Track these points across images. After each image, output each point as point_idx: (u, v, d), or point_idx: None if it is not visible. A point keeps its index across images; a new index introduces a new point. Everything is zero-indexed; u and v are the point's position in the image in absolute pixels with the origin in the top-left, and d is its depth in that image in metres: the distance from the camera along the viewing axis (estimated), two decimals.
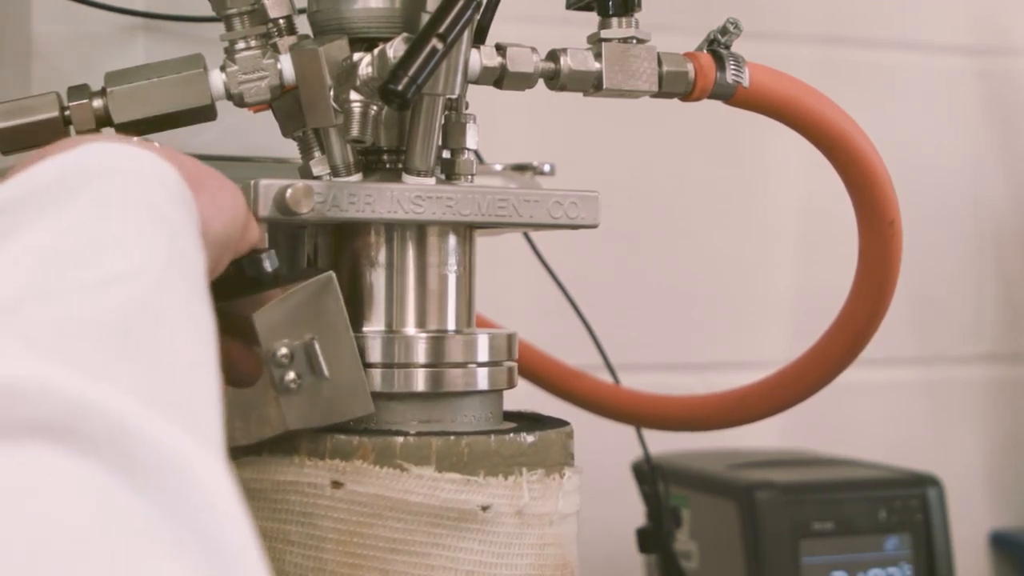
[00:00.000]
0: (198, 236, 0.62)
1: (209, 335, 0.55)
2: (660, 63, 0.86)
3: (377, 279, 0.79)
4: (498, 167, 1.06)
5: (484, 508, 0.74)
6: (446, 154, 0.82)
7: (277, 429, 0.74)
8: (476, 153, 0.83)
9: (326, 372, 0.74)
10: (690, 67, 0.87)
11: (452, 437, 0.75)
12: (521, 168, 1.07)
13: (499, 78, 0.82)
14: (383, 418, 0.76)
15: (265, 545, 0.74)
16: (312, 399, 0.74)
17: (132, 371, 0.48)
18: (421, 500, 0.73)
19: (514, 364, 0.81)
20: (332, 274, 0.75)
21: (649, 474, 1.26)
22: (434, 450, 0.74)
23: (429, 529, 0.73)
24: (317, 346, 0.74)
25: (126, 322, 0.50)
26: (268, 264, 0.74)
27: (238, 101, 0.78)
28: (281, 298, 0.74)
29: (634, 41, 0.84)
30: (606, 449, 1.27)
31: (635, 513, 1.33)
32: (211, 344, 0.55)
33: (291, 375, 0.73)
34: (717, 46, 0.88)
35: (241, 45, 0.78)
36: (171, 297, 0.54)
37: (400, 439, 0.74)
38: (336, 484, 0.73)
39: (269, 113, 0.82)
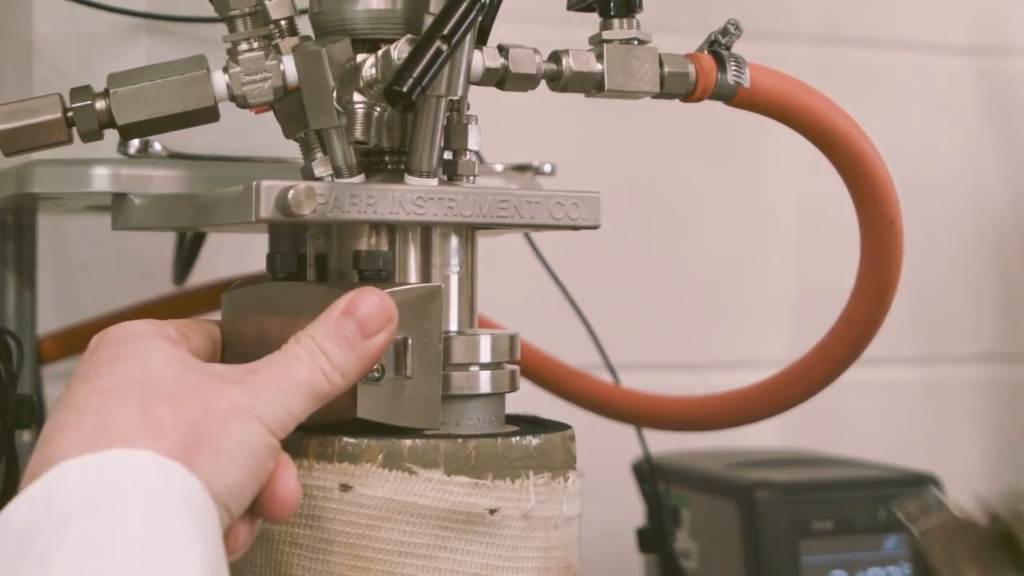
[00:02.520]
0: (190, 517, 0.64)
1: None
2: (661, 64, 0.86)
3: None
4: (499, 167, 1.05)
5: (492, 511, 0.74)
6: (448, 155, 0.82)
7: (345, 415, 0.74)
8: (477, 154, 0.83)
9: (409, 374, 0.75)
10: (691, 68, 0.87)
11: (460, 440, 0.75)
12: (522, 168, 1.07)
13: (501, 79, 0.82)
14: None
15: (272, 548, 0.74)
16: (388, 395, 0.74)
17: None
18: (430, 503, 0.73)
19: (516, 367, 0.81)
20: (441, 286, 0.76)
21: (649, 474, 1.26)
22: (442, 453, 0.74)
23: (437, 532, 0.73)
24: (409, 347, 0.75)
25: None
26: None
27: (241, 102, 0.78)
28: (390, 291, 0.74)
29: (636, 42, 0.84)
30: (606, 449, 1.27)
31: (635, 513, 1.33)
32: None
33: (376, 366, 0.74)
34: (718, 47, 0.88)
35: (244, 46, 0.78)
36: None
37: (408, 442, 0.74)
38: (344, 487, 0.73)
39: (270, 113, 0.82)
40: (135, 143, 0.90)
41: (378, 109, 0.77)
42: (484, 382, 0.79)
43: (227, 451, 0.68)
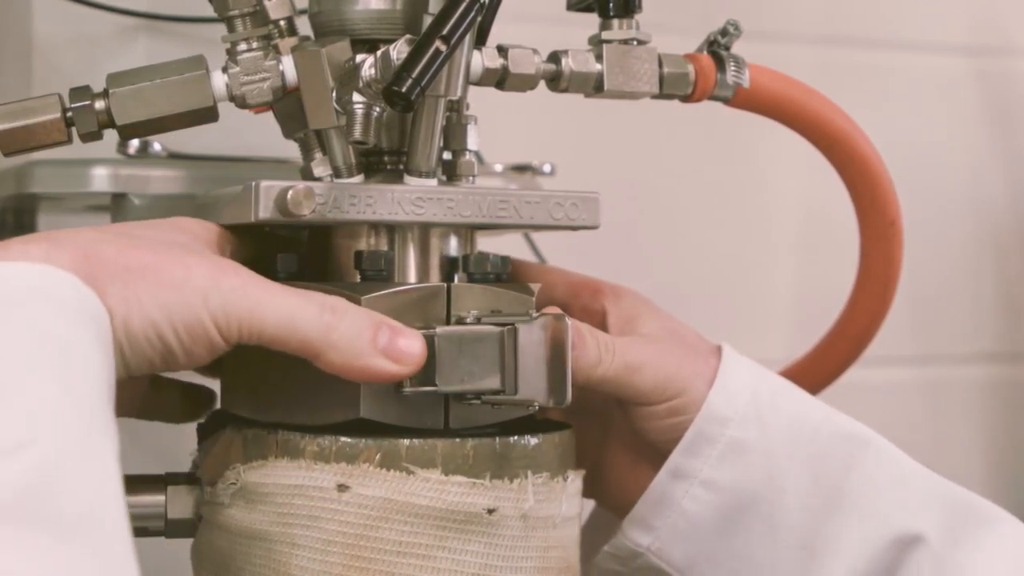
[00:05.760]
0: (99, 343, 0.64)
1: (108, 468, 0.59)
2: (661, 64, 0.86)
3: None
4: (499, 168, 1.06)
5: (490, 511, 0.74)
6: (447, 155, 0.82)
7: (348, 415, 0.74)
8: (477, 154, 0.83)
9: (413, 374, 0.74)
10: (691, 69, 0.87)
11: (457, 440, 0.75)
12: (521, 169, 1.07)
13: (501, 79, 0.82)
14: None
15: (270, 549, 0.74)
16: (393, 396, 0.74)
17: (35, 545, 0.53)
18: (427, 503, 0.73)
19: None
20: (444, 286, 0.76)
21: None
22: (440, 453, 0.74)
23: (435, 532, 0.73)
24: None
25: (22, 496, 0.55)
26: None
27: (240, 103, 0.78)
28: (392, 291, 0.74)
29: (635, 43, 0.85)
30: None
31: None
32: (111, 479, 0.59)
33: None
34: (717, 47, 0.88)
35: (243, 47, 0.78)
36: (67, 455, 0.57)
37: (406, 442, 0.74)
38: (342, 487, 0.73)
39: (270, 113, 0.82)
40: (135, 143, 0.90)
41: (377, 109, 0.77)
42: None
43: (142, 294, 0.67)
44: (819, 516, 0.84)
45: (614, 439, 0.88)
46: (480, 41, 0.81)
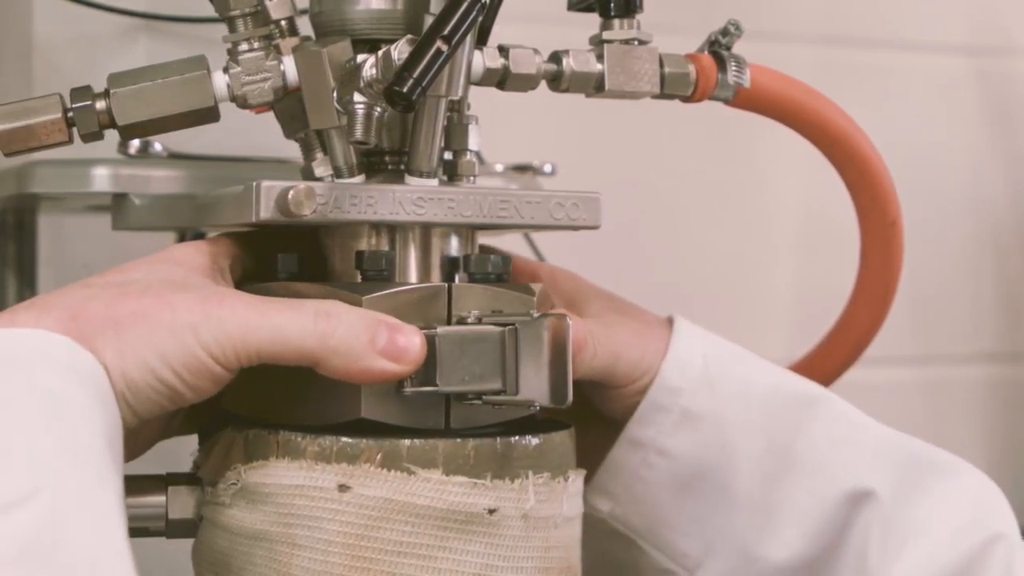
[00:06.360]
0: (97, 398, 0.66)
1: (110, 518, 0.61)
2: (662, 64, 0.86)
3: None
4: (499, 168, 1.06)
5: (491, 511, 0.74)
6: (448, 155, 0.82)
7: (349, 415, 0.75)
8: (478, 154, 0.83)
9: (414, 375, 0.74)
10: (692, 69, 0.87)
11: (458, 440, 0.75)
12: (522, 169, 1.07)
13: (502, 80, 0.82)
14: None
15: (272, 549, 0.74)
16: (394, 396, 0.74)
17: None
18: (428, 503, 0.73)
19: None
20: (445, 286, 0.76)
21: None
22: (441, 453, 0.74)
23: (436, 532, 0.73)
24: None
25: (24, 550, 0.56)
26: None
27: (241, 103, 0.78)
28: (393, 291, 0.74)
29: (636, 43, 0.85)
30: None
31: None
32: (113, 529, 0.61)
33: None
34: (718, 47, 0.88)
35: (244, 47, 0.78)
36: (66, 507, 0.59)
37: (407, 442, 0.74)
38: (343, 488, 0.73)
39: (271, 113, 0.82)
40: (135, 143, 0.90)
41: (378, 109, 0.77)
42: None
43: (132, 344, 0.68)
44: (772, 479, 0.86)
45: (577, 416, 0.88)
46: (481, 41, 0.81)
